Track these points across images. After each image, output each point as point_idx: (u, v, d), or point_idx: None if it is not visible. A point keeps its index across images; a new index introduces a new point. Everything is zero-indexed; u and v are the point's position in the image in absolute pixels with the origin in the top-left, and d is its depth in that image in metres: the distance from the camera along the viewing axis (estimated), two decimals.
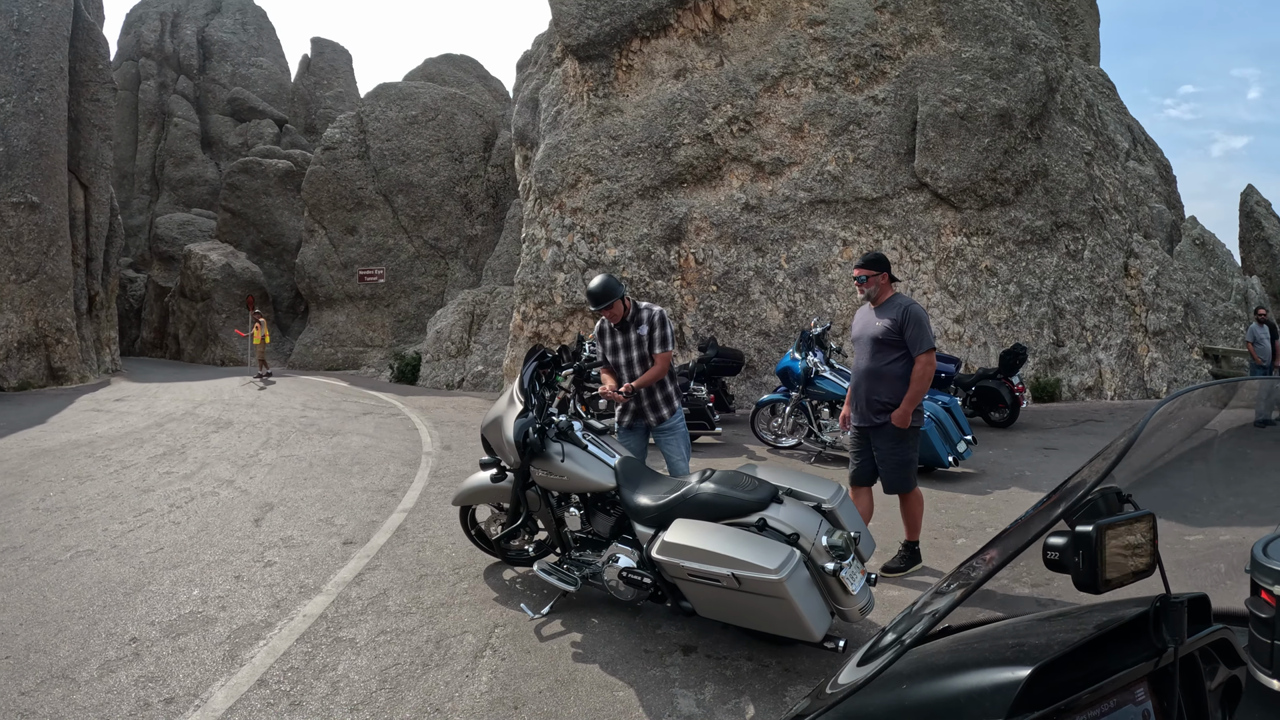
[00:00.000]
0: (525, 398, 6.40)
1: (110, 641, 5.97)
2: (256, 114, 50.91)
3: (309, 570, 7.46)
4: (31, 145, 25.57)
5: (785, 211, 17.38)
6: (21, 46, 25.67)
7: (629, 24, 18.26)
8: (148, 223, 46.22)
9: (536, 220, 19.47)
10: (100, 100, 29.70)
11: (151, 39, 51.17)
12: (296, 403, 19.88)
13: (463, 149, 34.69)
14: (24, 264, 25.28)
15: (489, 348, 24.75)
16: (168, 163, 48.51)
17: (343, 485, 10.92)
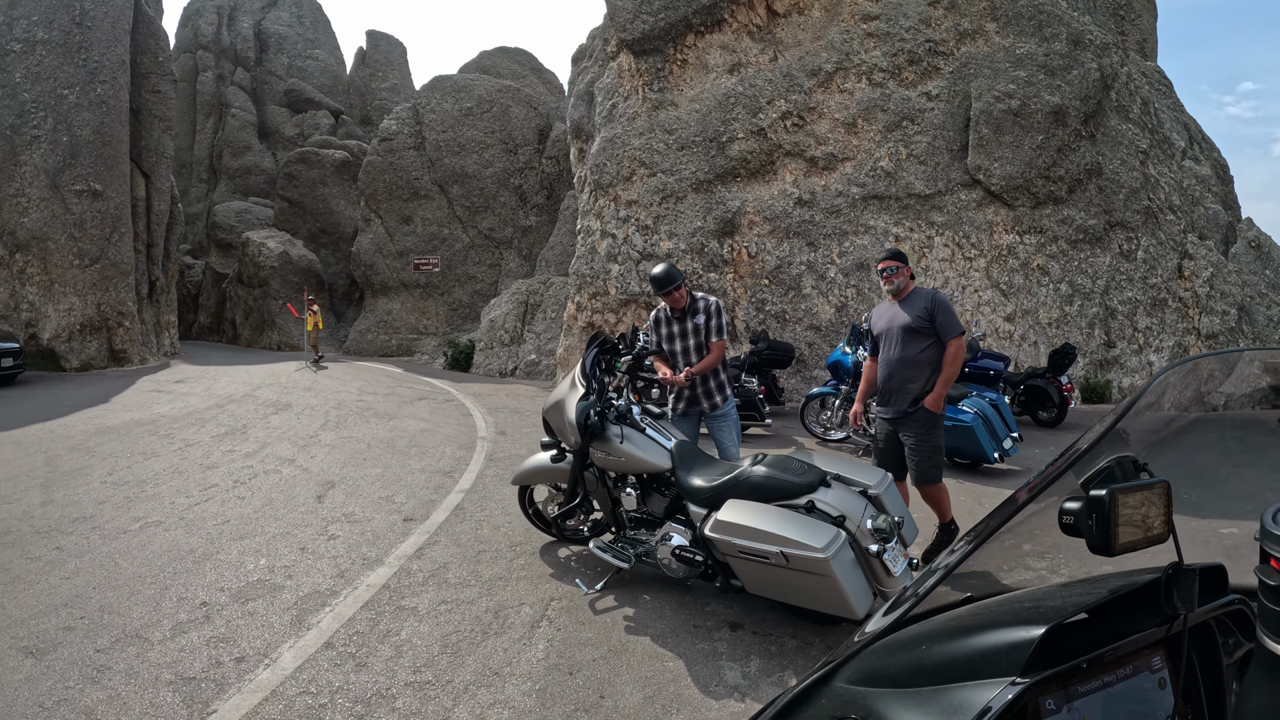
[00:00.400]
0: (586, 382, 6.69)
1: (181, 605, 6.37)
2: (312, 105, 51.61)
3: (371, 544, 7.82)
4: (94, 135, 26.20)
5: (838, 207, 17.45)
6: (84, 40, 26.27)
7: (683, 18, 18.39)
8: (206, 211, 47.01)
9: (592, 212, 19.68)
10: (161, 92, 30.31)
11: (209, 32, 52.03)
12: (353, 387, 20.33)
13: (517, 141, 34.98)
14: (87, 250, 25.93)
15: (542, 337, 25.03)
16: (225, 152, 49.34)
17: (401, 466, 11.29)
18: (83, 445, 12.96)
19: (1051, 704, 1.41)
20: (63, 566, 7.29)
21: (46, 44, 25.81)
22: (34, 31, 25.77)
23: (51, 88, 25.73)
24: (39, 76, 25.71)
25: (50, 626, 6.01)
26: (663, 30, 18.54)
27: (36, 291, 25.54)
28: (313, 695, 4.92)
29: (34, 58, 25.73)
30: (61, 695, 5.00)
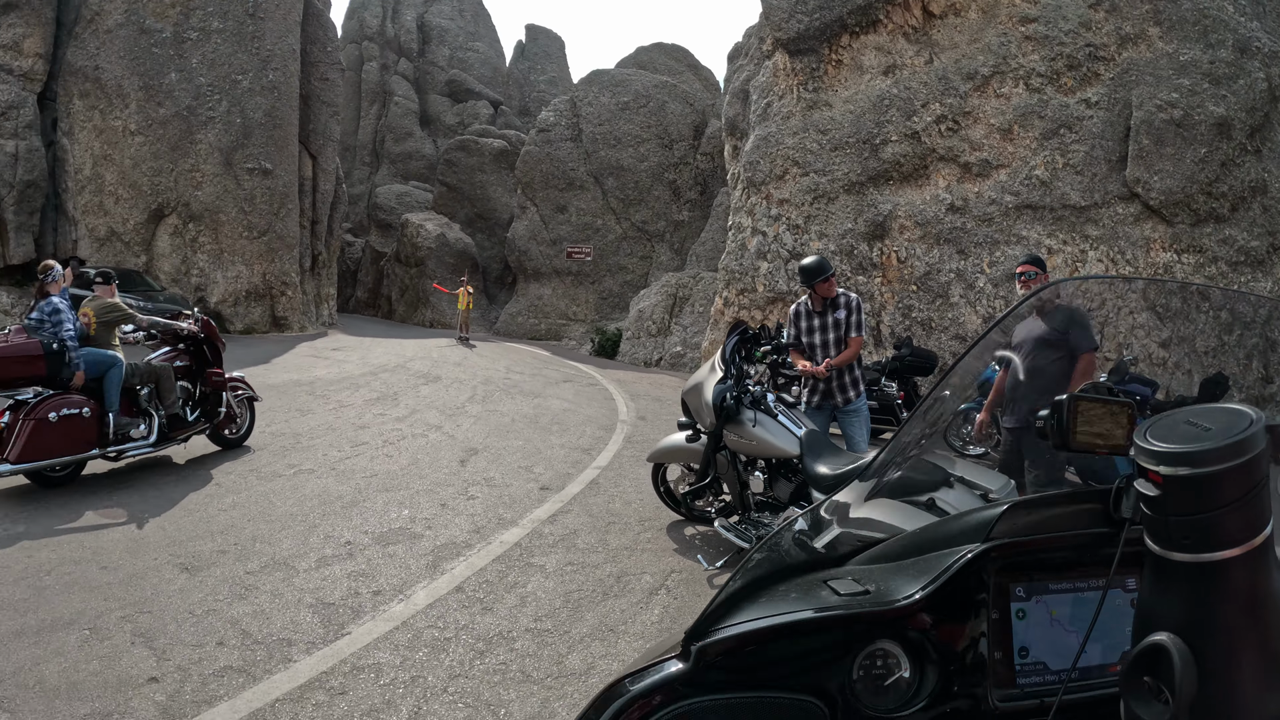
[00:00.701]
0: (726, 367, 6.87)
1: (327, 542, 6.88)
2: (472, 95, 52.88)
3: (508, 506, 8.21)
4: (266, 118, 27.65)
5: (991, 215, 17.06)
6: (257, 30, 27.73)
7: (838, 19, 18.22)
8: (368, 193, 48.64)
9: (744, 209, 19.75)
10: (329, 79, 31.83)
11: (374, 24, 54.01)
12: (501, 366, 20.91)
13: (673, 136, 35.21)
14: (256, 223, 27.44)
15: (688, 330, 25.16)
16: (388, 138, 51.07)
17: (542, 440, 11.68)
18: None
19: (1021, 591, 1.55)
20: (221, 500, 7.91)
21: (221, 33, 27.31)
22: (209, 21, 27.27)
23: (226, 73, 27.23)
24: (214, 63, 27.20)
25: (206, 549, 6.58)
26: (818, 30, 18.42)
27: (207, 259, 27.14)
28: (439, 630, 5.26)
29: (210, 45, 27.23)
30: (211, 606, 5.49)
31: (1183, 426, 1.18)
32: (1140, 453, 1.19)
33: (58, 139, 27.31)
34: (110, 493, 8.11)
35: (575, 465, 10.25)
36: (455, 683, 4.60)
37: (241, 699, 4.33)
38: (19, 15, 25.98)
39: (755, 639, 1.48)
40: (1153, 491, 1.17)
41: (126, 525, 7.09)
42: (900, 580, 1.58)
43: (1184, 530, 1.13)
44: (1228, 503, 1.09)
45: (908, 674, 1.50)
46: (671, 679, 1.47)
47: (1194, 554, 1.12)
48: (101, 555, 6.38)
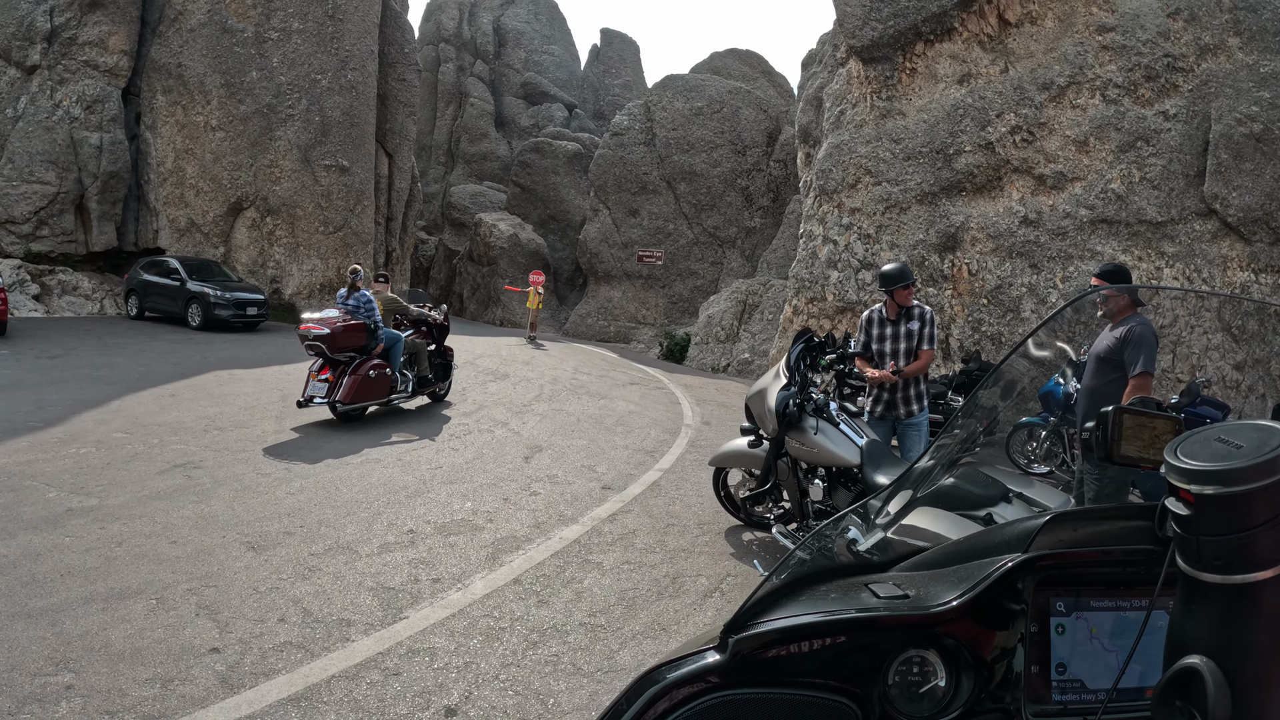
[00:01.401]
0: (790, 374, 6.87)
1: (390, 529, 7.02)
2: (547, 98, 53.31)
3: (569, 504, 8.29)
4: (344, 117, 28.18)
5: (1065, 229, 16.73)
6: (336, 31, 28.22)
7: (913, 26, 18.01)
8: (442, 192, 49.16)
9: (815, 217, 19.65)
10: (406, 80, 32.29)
11: (451, 26, 54.51)
12: (568, 366, 20.99)
13: (746, 142, 35.13)
14: (332, 218, 27.97)
15: (757, 337, 25.07)
16: (463, 139, 51.56)
17: (606, 441, 11.75)
18: None
19: (1062, 606, 1.53)
20: (289, 484, 8.11)
21: (302, 34, 27.86)
22: (290, 22, 27.83)
23: (306, 73, 27.78)
24: (294, 62, 27.78)
25: (272, 530, 6.76)
26: (892, 38, 18.23)
27: (283, 252, 27.72)
28: (495, 619, 5.35)
29: (290, 45, 27.81)
30: (274, 584, 5.66)
31: (1214, 444, 1.16)
32: (1171, 470, 1.18)
33: (141, 133, 28.05)
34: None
35: (638, 466, 10.31)
36: (507, 670, 4.68)
37: (299, 673, 4.45)
38: (104, 14, 26.69)
39: (792, 635, 1.48)
40: (1184, 510, 1.16)
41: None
42: (940, 587, 1.58)
43: (1215, 551, 1.11)
44: (1260, 523, 1.07)
45: (943, 683, 1.50)
46: (707, 669, 1.47)
47: (1226, 575, 1.11)
48: (171, 530, 6.59)
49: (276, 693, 4.24)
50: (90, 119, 26.35)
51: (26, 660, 4.43)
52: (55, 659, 4.46)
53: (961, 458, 2.67)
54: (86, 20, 26.57)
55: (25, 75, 26.36)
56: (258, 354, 18.28)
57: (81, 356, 16.06)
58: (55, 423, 10.20)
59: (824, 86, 21.18)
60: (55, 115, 26.00)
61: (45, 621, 4.89)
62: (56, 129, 25.86)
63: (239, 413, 11.57)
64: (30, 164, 25.37)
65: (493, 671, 4.64)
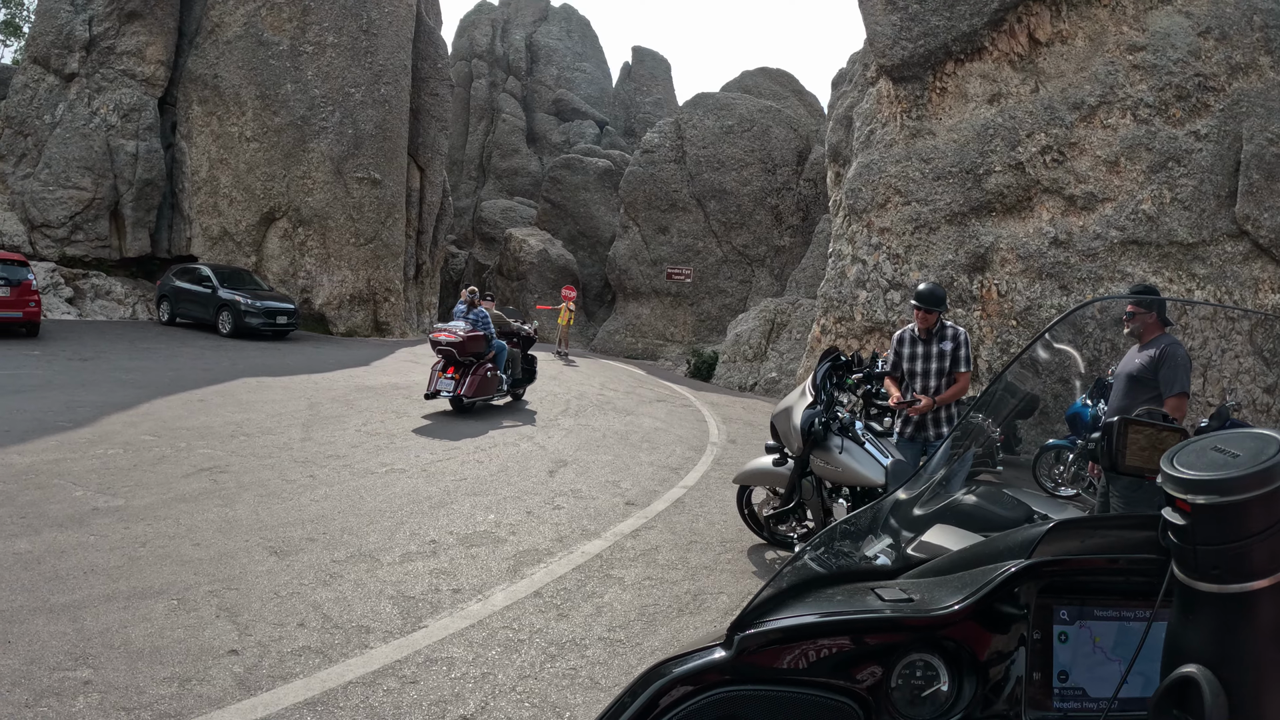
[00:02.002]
0: (816, 393, 6.83)
1: (413, 539, 7.03)
2: (579, 115, 53.66)
3: (592, 518, 8.28)
4: (377, 130, 28.41)
5: (1095, 250, 16.57)
6: (370, 45, 28.51)
7: (943, 46, 17.92)
8: (473, 206, 49.29)
9: (844, 237, 19.58)
10: (439, 95, 32.52)
11: (483, 42, 54.89)
12: (595, 382, 21.03)
13: (776, 161, 35.13)
14: (363, 230, 28.16)
15: (785, 356, 24.99)
16: (495, 154, 51.76)
17: (631, 457, 11.73)
18: (342, 398, 14.14)
19: (1065, 614, 1.53)
20: (313, 491, 8.15)
21: (336, 47, 28.15)
22: (325, 36, 28.13)
23: (339, 86, 28.03)
24: (328, 75, 28.05)
25: (296, 535, 6.79)
26: (922, 57, 18.15)
27: (314, 262, 27.87)
28: (514, 631, 5.34)
29: (324, 59, 28.09)
30: (295, 589, 5.67)
31: (1211, 453, 1.18)
32: (1167, 480, 1.19)
33: (176, 142, 28.39)
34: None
35: (662, 483, 10.29)
36: (524, 683, 4.66)
37: (316, 678, 4.45)
38: (143, 24, 27.13)
39: (796, 634, 1.50)
40: (1180, 520, 1.17)
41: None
42: (944, 592, 1.60)
43: (1212, 560, 1.13)
44: (1256, 532, 1.09)
45: (946, 687, 1.51)
46: (713, 665, 1.49)
47: (1222, 584, 1.12)
48: (195, 533, 6.63)
49: (293, 696, 4.24)
50: (127, 127, 26.71)
51: (46, 654, 4.46)
52: (75, 654, 4.49)
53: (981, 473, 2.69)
54: (125, 30, 27.00)
55: (64, 83, 26.76)
56: (287, 362, 18.41)
57: (112, 359, 16.25)
58: (84, 423, 10.30)
59: (854, 106, 21.13)
60: (92, 123, 26.38)
61: (66, 617, 4.92)
62: (93, 136, 26.22)
63: (266, 419, 11.64)
64: (67, 170, 25.76)
65: (510, 683, 4.63)
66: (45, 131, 26.26)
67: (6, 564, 5.67)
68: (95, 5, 26.90)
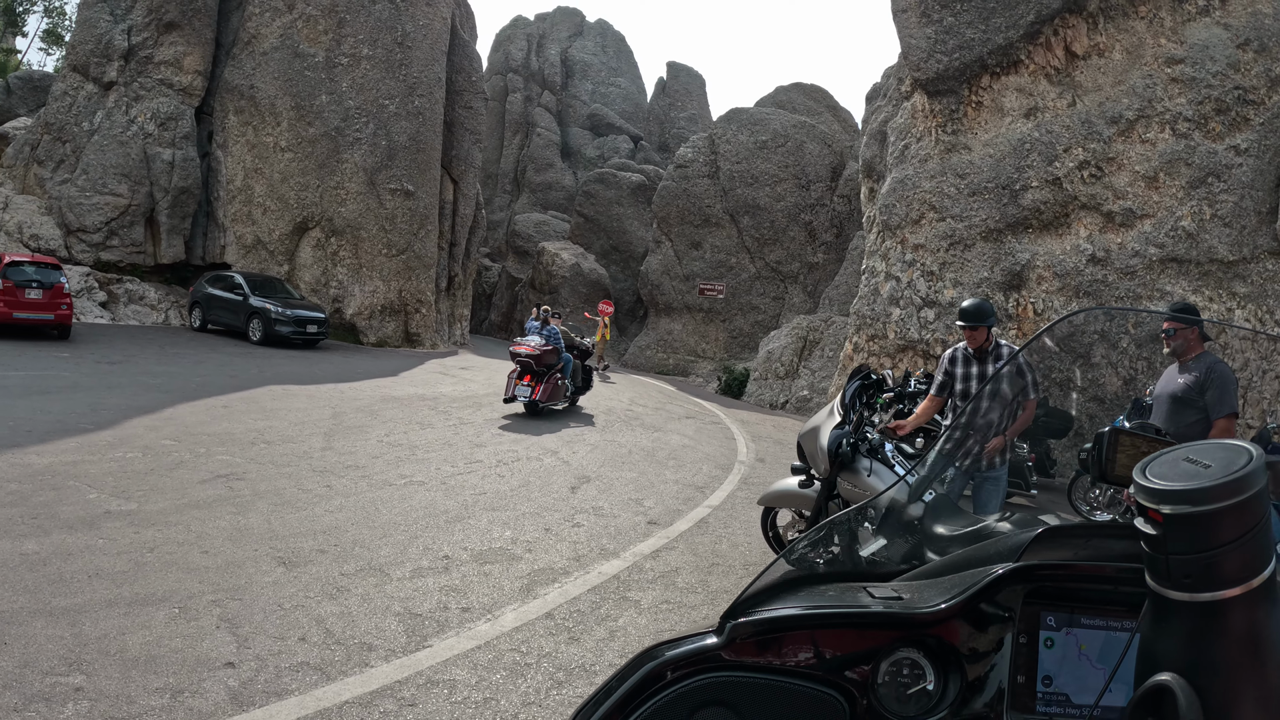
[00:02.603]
0: (845, 412, 6.61)
1: (426, 554, 6.86)
2: (613, 130, 53.76)
3: (612, 537, 8.07)
4: (410, 142, 28.50)
5: (1133, 268, 16.21)
6: (404, 58, 28.67)
7: (978, 59, 17.65)
8: (507, 219, 49.48)
9: (878, 253, 19.36)
10: (473, 108, 32.67)
11: (519, 57, 55.25)
12: (625, 397, 20.87)
13: (810, 177, 34.91)
14: (395, 241, 28.20)
15: (817, 374, 24.76)
16: (529, 168, 51.94)
17: (656, 474, 11.53)
18: (367, 408, 14.06)
19: (1052, 620, 1.57)
20: (329, 502, 8.03)
21: (371, 59, 28.34)
22: (360, 48, 28.33)
23: (374, 98, 28.18)
24: (363, 87, 28.22)
25: (306, 546, 6.66)
26: (957, 71, 17.88)
27: (346, 272, 27.99)
28: (521, 654, 5.16)
29: (359, 71, 28.28)
30: (300, 602, 5.53)
31: (1182, 464, 1.20)
32: (1140, 490, 1.20)
33: (212, 151, 28.65)
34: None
35: (686, 502, 10.08)
36: (528, 710, 4.49)
37: (311, 696, 4.32)
38: (180, 35, 27.43)
39: (786, 625, 1.56)
40: (1152, 530, 1.19)
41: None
42: (933, 592, 1.64)
43: (1184, 569, 1.15)
44: (1227, 541, 1.11)
45: (931, 685, 1.54)
46: (703, 651, 1.55)
47: (1193, 593, 1.14)
48: (204, 540, 6.53)
49: (286, 714, 4.11)
50: (163, 135, 27.00)
51: (40, 658, 4.39)
52: (69, 659, 4.41)
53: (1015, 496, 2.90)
54: (163, 40, 27.32)
55: (102, 91, 27.10)
56: (314, 371, 18.41)
57: (141, 364, 16.32)
58: (106, 426, 10.29)
59: (888, 120, 20.90)
60: (130, 130, 26.65)
61: (65, 621, 4.85)
62: (130, 144, 26.49)
63: (288, 427, 11.58)
64: (104, 176, 26.00)
65: (512, 710, 4.45)
66: (83, 138, 26.57)
67: (12, 564, 5.61)
68: (134, 15, 27.27)
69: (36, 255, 20.15)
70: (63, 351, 16.59)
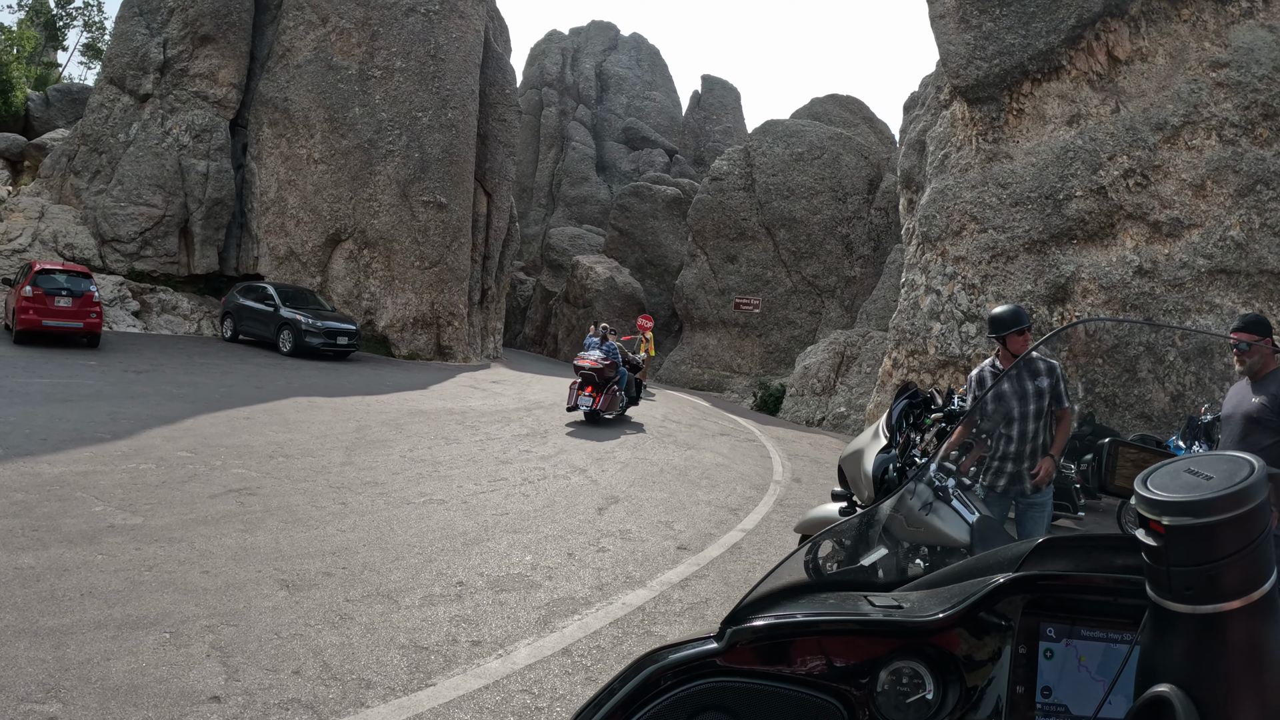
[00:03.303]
0: (891, 434, 6.18)
1: (439, 580, 6.47)
2: (648, 143, 53.74)
3: (639, 564, 7.64)
4: (443, 154, 28.48)
5: (1181, 280, 15.63)
6: (437, 70, 28.70)
7: (1019, 65, 17.20)
8: (542, 233, 49.44)
9: (918, 266, 18.92)
10: (506, 121, 32.70)
11: (553, 71, 55.45)
12: (658, 413, 20.44)
13: (847, 189, 34.48)
14: (428, 254, 28.09)
15: (854, 390, 24.31)
16: (564, 181, 52.10)
17: (688, 495, 11.08)
18: (393, 421, 13.78)
19: (1052, 631, 1.54)
20: (342, 520, 7.69)
21: (404, 72, 28.38)
22: (393, 61, 28.38)
23: (407, 110, 28.19)
24: (396, 100, 28.24)
25: (312, 568, 6.32)
26: (997, 77, 17.43)
27: (378, 284, 27.95)
28: (533, 696, 4.78)
29: (392, 83, 28.34)
30: (300, 630, 5.18)
31: (1184, 475, 1.18)
32: (1141, 501, 1.18)
33: (246, 163, 28.83)
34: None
35: (719, 525, 9.61)
36: None
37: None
38: (215, 48, 27.74)
39: (785, 631, 1.56)
40: (1153, 541, 1.17)
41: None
42: (933, 602, 1.63)
43: (1185, 581, 1.13)
44: (1229, 553, 1.09)
45: (930, 695, 1.53)
46: (703, 655, 1.54)
47: (1194, 605, 1.12)
48: (207, 559, 6.25)
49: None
50: (198, 147, 27.22)
51: (18, 682, 4.14)
52: (48, 685, 4.16)
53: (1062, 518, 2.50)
54: (198, 54, 27.62)
55: (138, 103, 27.38)
56: (342, 383, 18.20)
57: (167, 373, 16.23)
58: (123, 435, 10.11)
59: (927, 130, 20.48)
60: (165, 142, 26.92)
61: (50, 643, 4.60)
62: (165, 155, 26.73)
63: (310, 440, 11.33)
64: (139, 187, 26.27)
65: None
66: (119, 149, 26.85)
67: (5, 579, 5.39)
68: (170, 29, 27.55)
69: (67, 264, 20.29)
70: (90, 359, 16.55)
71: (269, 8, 29.58)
